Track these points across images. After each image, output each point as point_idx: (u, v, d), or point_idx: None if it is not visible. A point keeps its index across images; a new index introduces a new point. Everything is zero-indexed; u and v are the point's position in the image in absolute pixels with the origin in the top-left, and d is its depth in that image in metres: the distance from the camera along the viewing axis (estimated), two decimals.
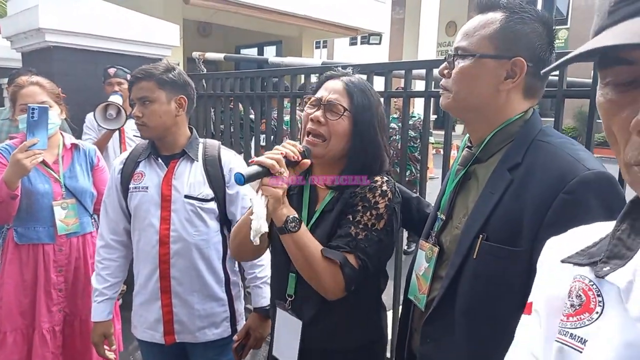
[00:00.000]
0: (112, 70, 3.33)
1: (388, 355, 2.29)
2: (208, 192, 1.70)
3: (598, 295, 0.55)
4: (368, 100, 1.30)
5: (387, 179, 1.32)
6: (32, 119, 1.80)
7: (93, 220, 2.22)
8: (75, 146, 2.17)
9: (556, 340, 0.57)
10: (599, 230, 0.63)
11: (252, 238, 1.13)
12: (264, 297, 1.74)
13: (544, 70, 0.63)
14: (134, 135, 3.31)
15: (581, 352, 0.54)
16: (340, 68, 1.39)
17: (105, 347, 1.82)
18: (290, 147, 1.20)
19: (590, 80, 1.75)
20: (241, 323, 1.83)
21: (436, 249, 1.13)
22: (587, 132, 1.79)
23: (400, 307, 1.32)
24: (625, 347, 0.50)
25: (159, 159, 1.72)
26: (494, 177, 1.00)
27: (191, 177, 1.70)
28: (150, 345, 1.76)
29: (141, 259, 1.73)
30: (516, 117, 1.02)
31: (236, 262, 1.86)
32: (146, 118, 1.64)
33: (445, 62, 1.06)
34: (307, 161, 1.23)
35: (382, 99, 2.40)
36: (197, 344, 1.75)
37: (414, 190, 4.52)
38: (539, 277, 0.68)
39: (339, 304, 1.26)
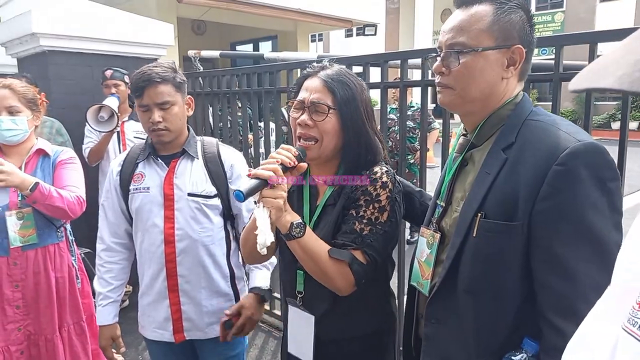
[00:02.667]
0: (108, 72, 3.33)
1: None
2: (211, 189, 1.70)
3: None
4: (350, 91, 1.28)
5: (386, 169, 1.32)
6: None
7: (61, 231, 2.08)
8: (42, 152, 2.04)
9: (623, 328, 0.52)
10: None
11: (259, 250, 1.14)
12: (262, 278, 1.75)
13: None
14: (134, 137, 3.32)
15: None
16: (315, 63, 1.36)
17: (113, 350, 1.81)
18: (285, 153, 1.19)
19: (587, 63, 1.75)
20: None
21: (437, 235, 1.14)
22: (585, 115, 1.78)
23: (405, 295, 1.34)
24: None
25: (159, 159, 1.72)
26: (489, 158, 1.03)
27: (193, 175, 1.70)
28: (159, 344, 1.77)
29: (146, 259, 1.73)
30: (507, 100, 1.06)
31: (240, 257, 1.87)
32: (168, 122, 1.62)
33: (441, 60, 1.06)
34: (304, 165, 1.24)
35: (379, 90, 2.41)
36: (206, 341, 1.76)
37: (414, 181, 4.54)
38: (631, 236, 0.59)
39: (349, 296, 1.28)
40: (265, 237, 1.12)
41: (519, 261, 0.96)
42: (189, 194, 1.68)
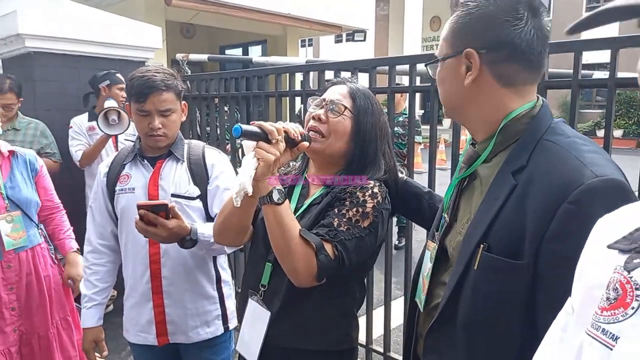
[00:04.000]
0: (104, 84, 3.31)
1: None
2: (194, 190, 1.70)
3: (636, 289, 0.50)
4: (371, 106, 1.33)
5: (379, 184, 1.31)
6: None
7: (40, 231, 2.11)
8: (12, 153, 2.04)
9: (587, 333, 0.53)
10: None
11: (234, 196, 1.12)
12: (204, 227, 1.59)
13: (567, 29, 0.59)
14: (124, 139, 3.30)
15: (612, 349, 0.50)
16: (349, 74, 1.39)
17: (97, 354, 1.80)
18: (292, 125, 1.21)
19: (572, 71, 1.77)
20: (233, 321, 1.82)
21: (436, 249, 1.09)
22: (570, 121, 1.80)
23: (408, 309, 1.26)
24: None
25: (145, 160, 1.72)
26: (497, 181, 0.93)
27: (177, 177, 1.71)
28: (143, 348, 1.75)
29: (130, 260, 1.72)
30: (518, 112, 0.95)
31: (226, 260, 1.85)
32: (167, 129, 1.65)
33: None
34: (306, 143, 1.23)
35: None
36: (191, 345, 1.75)
37: None
38: (582, 261, 0.63)
39: (308, 302, 1.26)
40: (245, 180, 1.10)
41: (522, 301, 0.87)
42: (172, 195, 1.68)
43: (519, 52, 0.92)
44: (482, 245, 0.90)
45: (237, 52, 10.32)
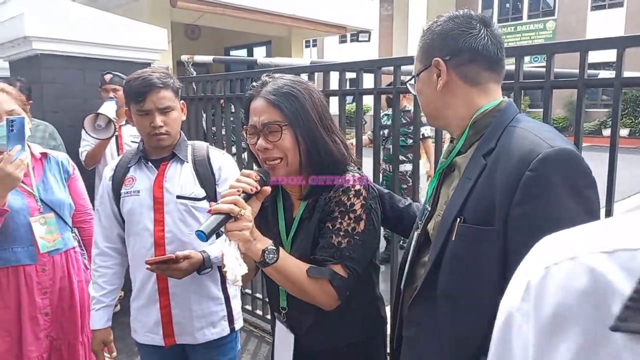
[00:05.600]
0: (108, 77, 3.31)
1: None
2: (199, 192, 1.71)
3: None
4: (297, 101, 1.24)
5: (358, 175, 1.29)
6: (12, 131, 1.70)
7: (74, 235, 2.06)
8: (45, 156, 2.02)
9: None
10: None
11: (232, 283, 1.12)
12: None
13: None
14: (131, 142, 3.31)
15: None
16: (254, 83, 1.31)
17: (106, 354, 1.81)
18: (245, 180, 1.16)
19: (577, 71, 1.77)
20: (239, 322, 1.84)
21: (419, 233, 1.19)
22: (576, 120, 1.80)
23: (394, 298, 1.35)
24: None
25: (149, 162, 1.73)
26: (471, 164, 1.06)
27: (182, 178, 1.71)
28: (151, 348, 1.77)
29: (137, 263, 1.73)
30: (487, 106, 1.09)
31: None
32: (169, 127, 1.67)
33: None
34: (268, 188, 1.21)
35: (372, 96, 2.42)
36: (198, 346, 1.76)
37: (404, 186, 4.56)
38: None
39: (336, 310, 1.27)
40: (234, 273, 1.10)
41: (495, 266, 0.97)
42: (178, 197, 1.69)
43: (477, 54, 1.07)
44: (459, 219, 1.02)
45: (241, 53, 10.36)
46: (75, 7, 3.71)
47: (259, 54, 10.22)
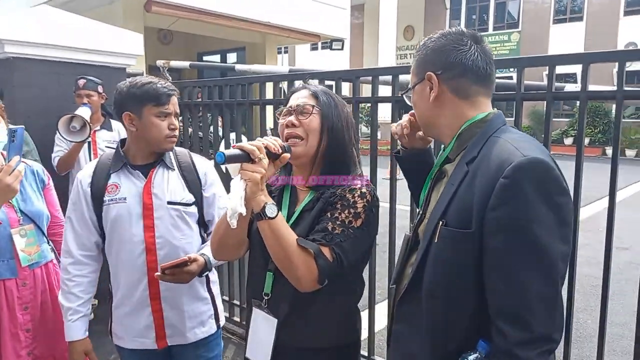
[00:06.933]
0: (81, 82, 3.28)
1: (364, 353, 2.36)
2: (189, 197, 1.75)
3: None
4: (332, 100, 1.39)
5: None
6: (12, 142, 1.65)
7: (50, 247, 2.01)
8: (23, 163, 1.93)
9: None
10: None
11: (228, 219, 1.17)
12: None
13: None
14: (106, 147, 3.27)
15: None
16: (302, 81, 1.47)
17: None
18: (271, 140, 1.26)
19: (542, 83, 1.89)
20: (222, 319, 1.91)
21: (411, 236, 1.27)
22: (545, 131, 1.92)
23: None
24: None
25: (135, 168, 1.73)
26: (455, 171, 1.13)
27: (170, 184, 1.74)
28: (138, 352, 1.77)
29: (123, 269, 1.73)
30: (475, 119, 1.15)
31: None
32: (177, 130, 1.75)
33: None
34: (287, 155, 1.28)
35: (350, 105, 2.49)
36: (188, 345, 1.79)
37: None
38: None
39: (314, 304, 1.32)
40: (236, 204, 1.15)
41: (473, 267, 1.03)
42: (169, 202, 1.71)
43: (467, 69, 1.14)
44: (441, 222, 1.09)
45: (215, 59, 10.31)
46: (50, 10, 3.65)
47: (233, 59, 10.21)
